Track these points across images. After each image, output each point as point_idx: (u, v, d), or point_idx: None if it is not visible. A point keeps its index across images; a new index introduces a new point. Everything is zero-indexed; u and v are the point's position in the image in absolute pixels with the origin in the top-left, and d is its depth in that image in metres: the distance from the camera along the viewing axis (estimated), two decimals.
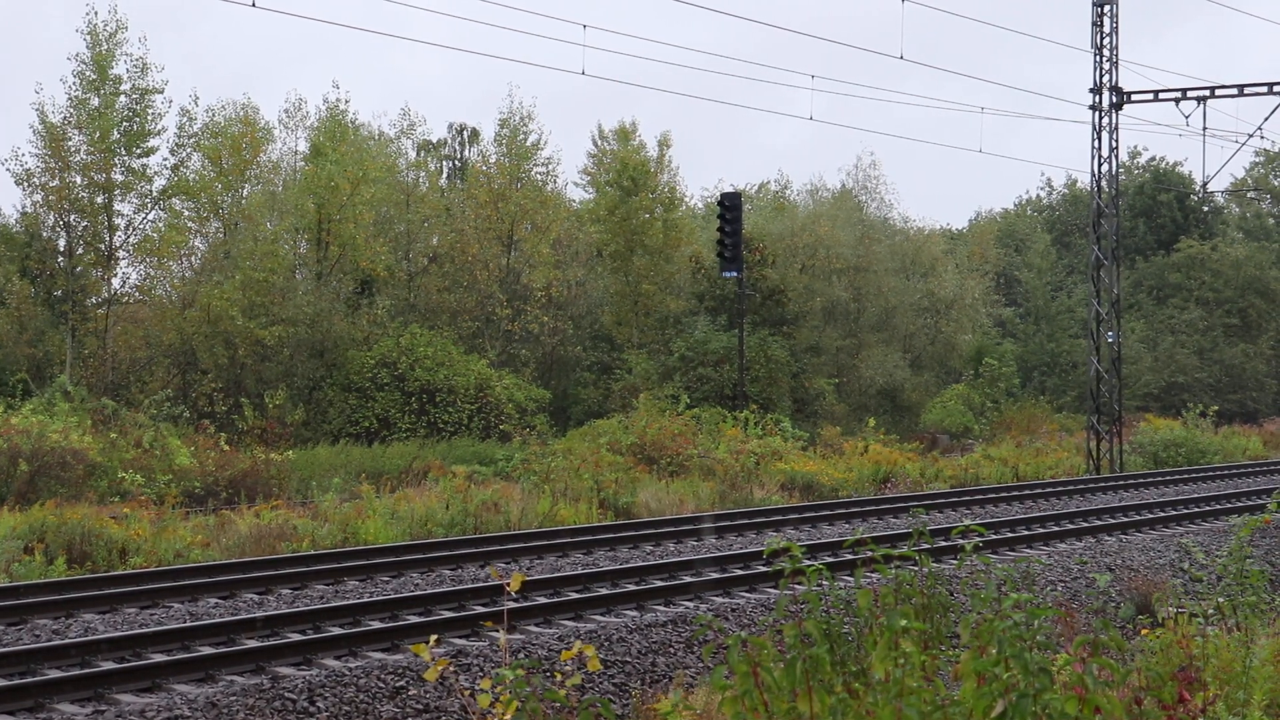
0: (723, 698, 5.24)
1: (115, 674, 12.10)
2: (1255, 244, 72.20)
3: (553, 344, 49.44)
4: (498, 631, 13.82)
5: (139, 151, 40.67)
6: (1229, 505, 26.69)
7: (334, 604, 15.44)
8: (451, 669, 7.15)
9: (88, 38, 40.03)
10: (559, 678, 12.14)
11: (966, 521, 7.70)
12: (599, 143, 55.24)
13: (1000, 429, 47.84)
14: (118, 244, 41.24)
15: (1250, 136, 40.03)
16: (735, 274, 37.41)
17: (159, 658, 12.83)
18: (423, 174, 54.97)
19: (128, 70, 40.42)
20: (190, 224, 45.18)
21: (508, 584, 5.47)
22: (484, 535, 22.15)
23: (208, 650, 13.24)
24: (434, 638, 5.85)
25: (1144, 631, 11.31)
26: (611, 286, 51.22)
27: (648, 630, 14.69)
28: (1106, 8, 37.90)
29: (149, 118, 40.59)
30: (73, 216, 40.99)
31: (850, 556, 18.44)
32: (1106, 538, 22.52)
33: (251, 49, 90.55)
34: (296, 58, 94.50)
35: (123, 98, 40.39)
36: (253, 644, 13.42)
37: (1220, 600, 11.36)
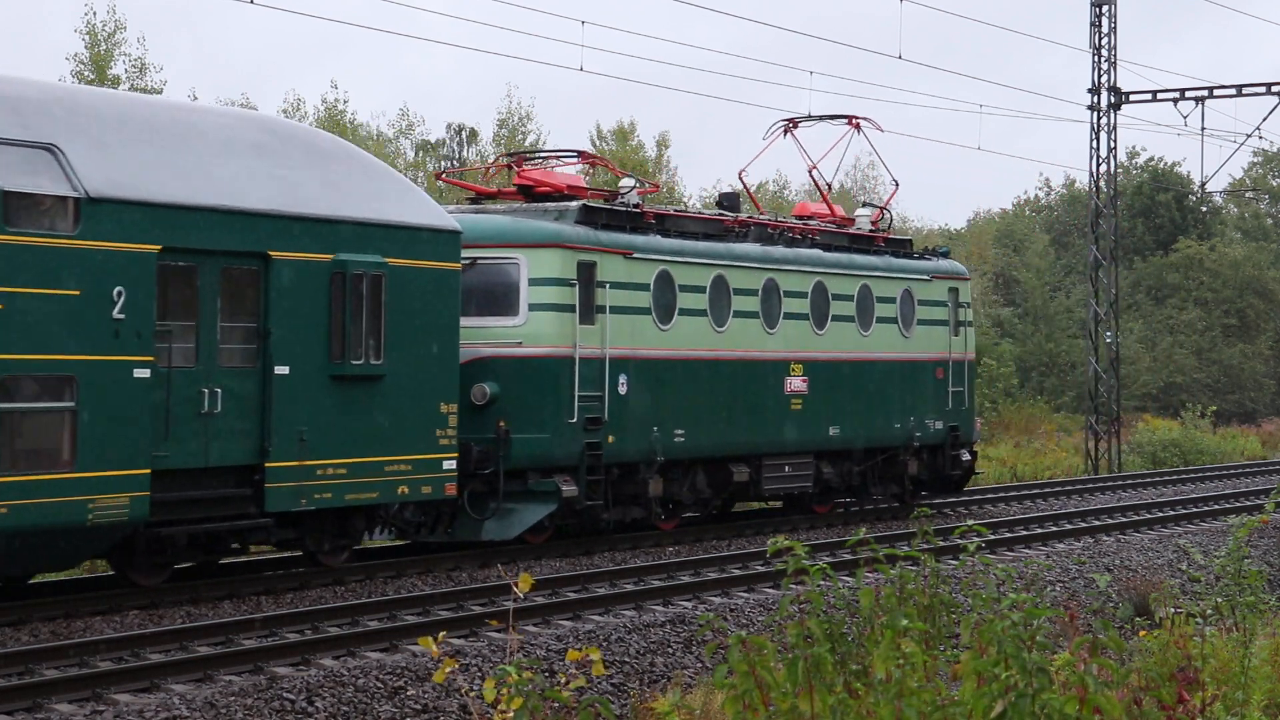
0: (724, 697, 5.25)
1: (113, 674, 12.10)
2: (1253, 244, 72.16)
3: None
4: (500, 631, 13.82)
5: None
6: (1227, 505, 26.70)
7: (332, 604, 15.45)
8: (450, 669, 7.16)
9: (86, 38, 39.97)
10: (563, 679, 12.17)
11: (968, 521, 7.72)
12: (597, 143, 55.13)
13: (998, 429, 47.80)
14: None
15: (1249, 137, 40.08)
16: None
17: (157, 658, 12.82)
18: (421, 174, 54.92)
19: (126, 70, 40.36)
20: None
21: (515, 583, 5.47)
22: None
23: (205, 650, 13.25)
24: (442, 634, 5.87)
25: (1141, 633, 11.32)
26: None
27: (646, 630, 14.73)
28: (1105, 8, 37.92)
29: None
30: None
31: (850, 557, 18.43)
32: (1105, 538, 22.54)
33: (252, 48, 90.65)
34: (298, 57, 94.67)
35: None
36: (250, 644, 13.42)
37: (1218, 600, 11.37)
